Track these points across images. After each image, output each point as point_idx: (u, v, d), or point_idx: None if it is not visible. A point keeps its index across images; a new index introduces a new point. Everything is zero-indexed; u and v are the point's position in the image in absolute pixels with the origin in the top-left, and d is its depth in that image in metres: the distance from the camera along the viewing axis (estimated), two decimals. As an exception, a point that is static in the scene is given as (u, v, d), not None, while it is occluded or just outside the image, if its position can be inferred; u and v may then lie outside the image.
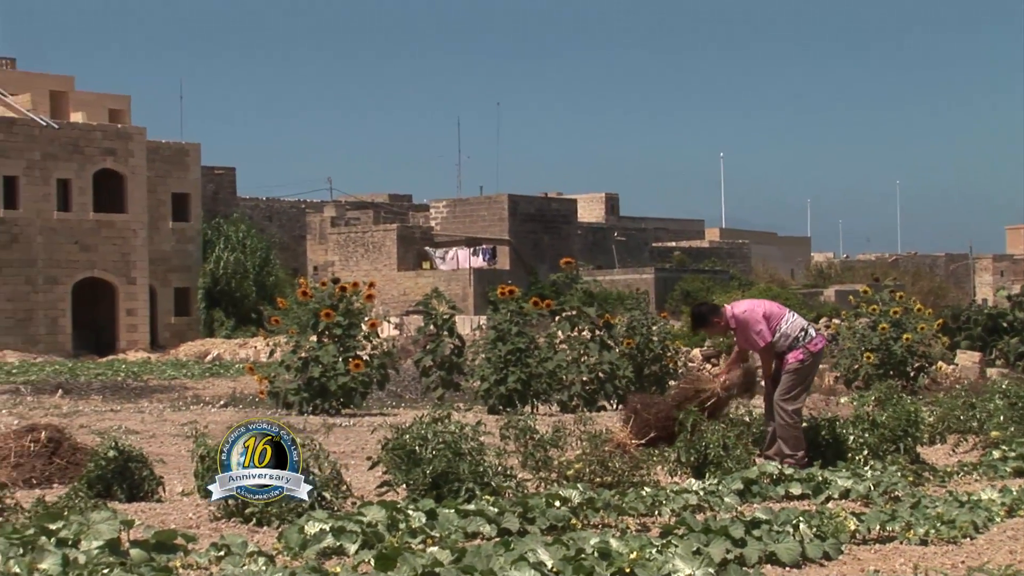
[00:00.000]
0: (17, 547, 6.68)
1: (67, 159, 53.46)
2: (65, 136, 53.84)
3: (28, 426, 11.76)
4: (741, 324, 12.37)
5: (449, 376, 20.83)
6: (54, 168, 53.06)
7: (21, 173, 52.27)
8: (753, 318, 12.30)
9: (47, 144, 53.08)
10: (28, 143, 52.69)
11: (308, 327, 19.35)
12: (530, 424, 11.28)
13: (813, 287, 73.73)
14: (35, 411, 19.68)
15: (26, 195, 52.33)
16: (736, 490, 9.90)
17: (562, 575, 6.25)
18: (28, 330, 51.84)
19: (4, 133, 52.41)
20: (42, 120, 53.95)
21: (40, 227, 52.59)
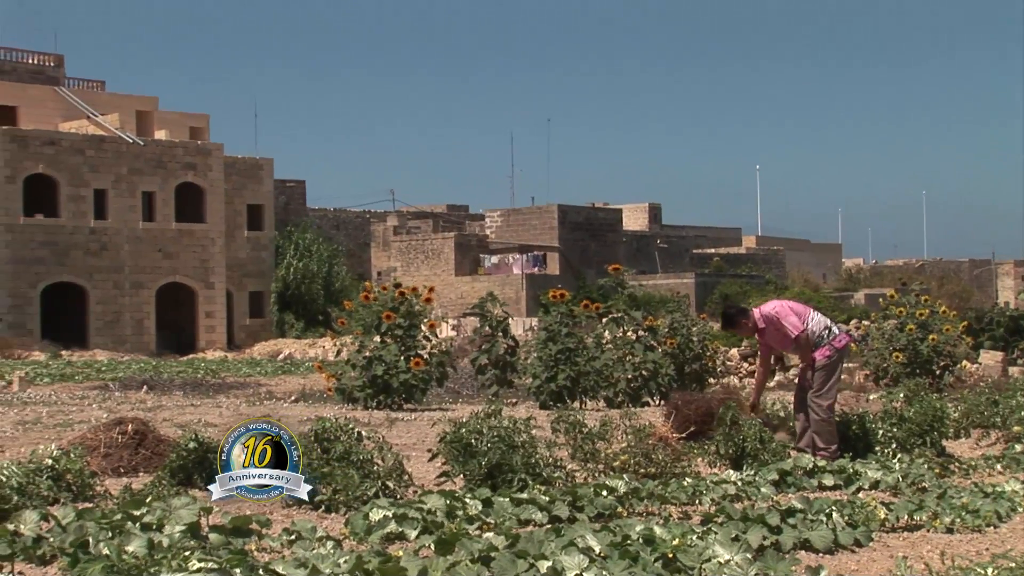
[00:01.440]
0: (106, 530, 6.73)
1: (152, 173, 53.89)
2: (150, 152, 54.27)
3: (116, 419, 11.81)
4: (772, 321, 12.22)
5: (503, 374, 20.80)
6: (140, 182, 53.51)
7: (110, 186, 52.74)
8: (783, 312, 12.21)
9: (133, 160, 53.54)
10: (116, 159, 53.16)
11: (372, 328, 19.36)
12: (579, 419, 11.24)
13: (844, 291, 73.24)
14: (122, 406, 19.79)
15: (114, 207, 52.80)
16: (772, 481, 9.83)
17: (609, 560, 6.21)
18: (116, 331, 52.28)
19: (95, 150, 52.89)
20: (129, 137, 54.40)
21: (127, 236, 53.04)
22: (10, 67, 76.98)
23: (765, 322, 12.28)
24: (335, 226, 69.98)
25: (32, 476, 8.63)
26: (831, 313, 38.34)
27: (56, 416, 17.36)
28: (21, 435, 14.55)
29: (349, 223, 72.08)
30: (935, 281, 71.57)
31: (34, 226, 50.98)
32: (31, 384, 26.32)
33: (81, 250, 51.98)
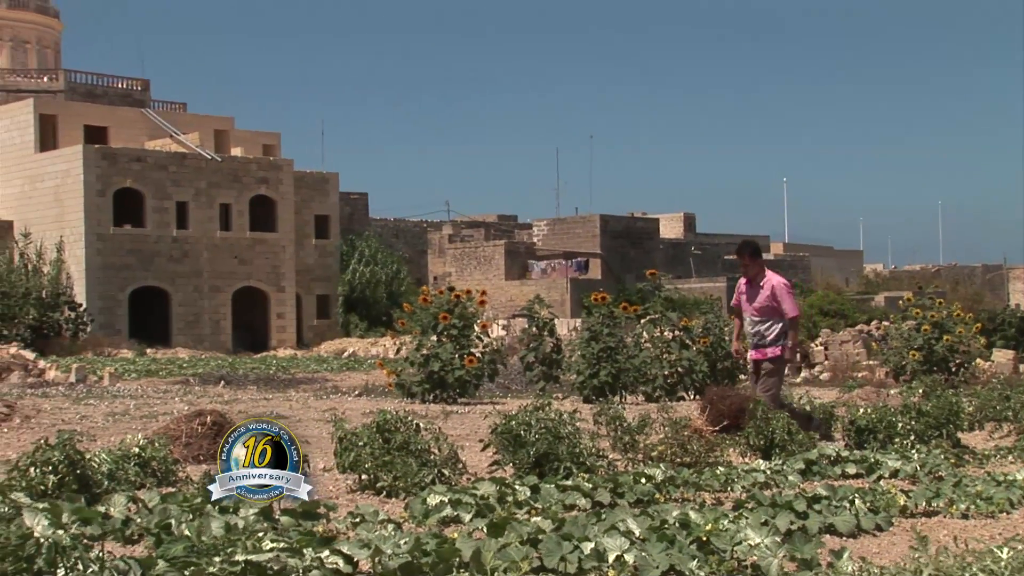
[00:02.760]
0: (188, 513, 6.77)
1: (228, 187, 54.24)
2: (226, 167, 54.63)
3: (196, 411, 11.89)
4: (783, 289, 12.19)
5: (549, 370, 20.78)
6: (217, 194, 53.86)
7: (191, 199, 53.13)
8: (789, 289, 12.26)
9: (212, 174, 53.91)
10: (196, 174, 53.55)
11: (429, 328, 19.39)
12: (619, 412, 11.22)
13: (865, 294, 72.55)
14: (202, 399, 19.93)
15: (195, 217, 53.17)
16: (799, 470, 9.75)
17: (648, 542, 6.18)
18: (196, 331, 52.64)
19: (177, 166, 53.29)
20: (208, 154, 54.78)
21: (206, 244, 53.40)
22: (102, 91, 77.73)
23: (767, 281, 12.19)
24: (395, 235, 70.16)
25: (121, 463, 8.69)
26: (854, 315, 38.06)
27: (142, 408, 17.50)
28: (111, 425, 14.69)
29: (408, 232, 72.25)
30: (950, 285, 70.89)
31: (123, 235, 51.42)
32: (120, 379, 26.55)
33: (165, 257, 52.38)
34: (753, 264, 12.38)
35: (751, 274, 12.37)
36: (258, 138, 60.84)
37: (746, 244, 12.73)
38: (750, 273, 12.42)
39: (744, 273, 12.53)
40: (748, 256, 12.44)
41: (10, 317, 42.66)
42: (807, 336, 32.45)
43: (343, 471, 9.53)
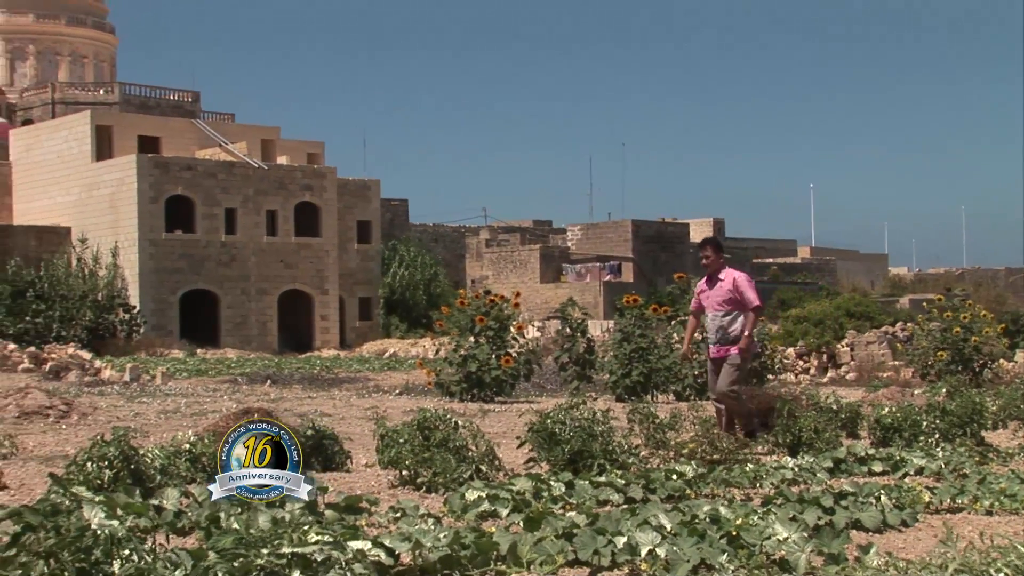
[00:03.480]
0: (236, 507, 6.78)
1: (274, 194, 54.46)
2: (273, 175, 54.86)
3: (244, 409, 11.94)
4: (743, 282, 11.85)
5: (583, 370, 20.76)
6: (264, 201, 54.10)
7: (238, 205, 53.38)
8: (751, 283, 11.98)
9: (259, 182, 54.15)
10: (244, 182, 53.80)
11: (467, 330, 19.42)
12: (651, 411, 11.19)
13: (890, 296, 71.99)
14: (249, 397, 20.03)
15: (242, 223, 53.42)
16: (826, 467, 9.69)
17: (679, 536, 6.16)
18: (243, 332, 52.88)
19: (225, 174, 53.57)
20: (255, 163, 55.03)
21: (253, 249, 53.64)
22: (155, 103, 78.30)
23: (728, 274, 11.91)
24: (434, 239, 70.25)
25: (172, 458, 8.73)
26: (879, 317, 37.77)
27: (193, 406, 17.61)
28: (163, 422, 14.78)
29: (446, 236, 72.33)
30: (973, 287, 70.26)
31: (174, 240, 51.74)
32: (171, 378, 26.72)
33: (214, 261, 52.65)
34: (716, 258, 12.05)
35: (713, 268, 12.02)
36: (303, 147, 61.05)
37: (710, 238, 12.57)
38: (712, 267, 12.05)
39: (706, 266, 12.15)
40: (712, 249, 12.13)
41: (68, 319, 43.01)
42: (833, 337, 32.25)
43: (384, 467, 9.55)
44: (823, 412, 12.06)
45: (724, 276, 11.84)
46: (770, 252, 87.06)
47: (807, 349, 30.67)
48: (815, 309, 38.55)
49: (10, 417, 14.56)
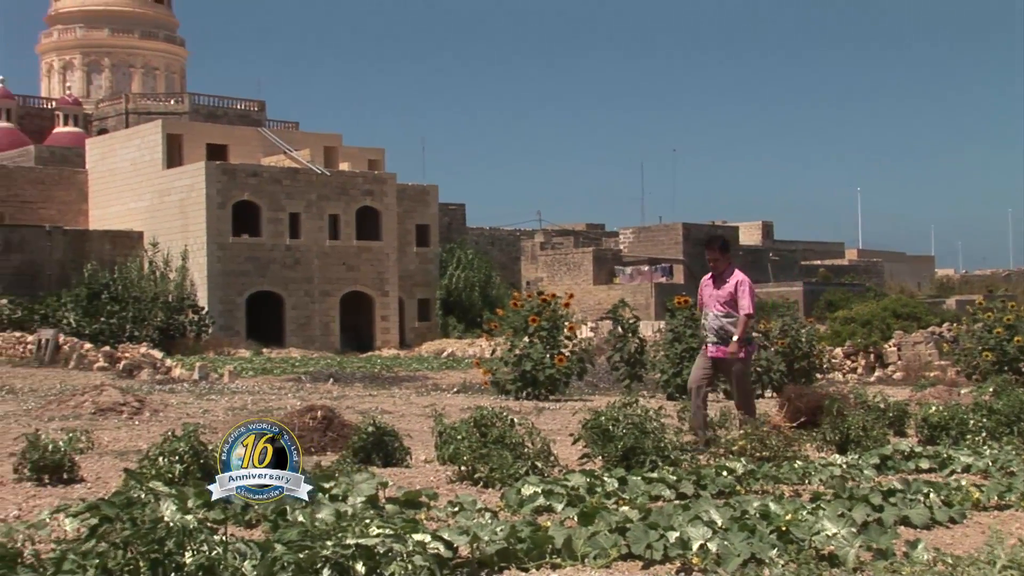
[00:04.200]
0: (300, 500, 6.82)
1: (336, 199, 54.78)
2: (335, 181, 55.17)
3: (308, 407, 12.01)
4: (746, 285, 11.48)
5: (634, 369, 20.69)
6: (327, 206, 54.42)
7: (302, 210, 53.73)
8: (752, 289, 11.61)
9: (321, 187, 54.48)
10: (307, 187, 54.15)
11: (521, 330, 19.41)
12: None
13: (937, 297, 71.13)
14: (312, 395, 20.14)
15: (306, 227, 53.77)
16: (874, 464, 9.59)
17: (730, 531, 6.12)
18: (307, 332, 53.22)
19: (290, 180, 53.96)
20: (318, 169, 55.38)
21: (316, 252, 53.98)
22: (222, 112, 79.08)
23: (733, 277, 11.54)
24: (490, 242, 70.33)
25: (239, 454, 8.79)
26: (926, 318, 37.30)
27: (259, 403, 17.74)
28: (231, 419, 14.90)
29: (502, 240, 72.39)
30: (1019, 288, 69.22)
31: (240, 244, 52.18)
32: (238, 377, 26.94)
33: (279, 264, 53.04)
34: (723, 258, 11.66)
35: (720, 268, 11.65)
36: (364, 154, 61.36)
37: (716, 238, 12.10)
38: (719, 267, 11.66)
39: (713, 267, 11.71)
40: (718, 249, 11.69)
41: (141, 320, 43.49)
42: (880, 338, 31.91)
43: (443, 463, 9.57)
44: (871, 411, 11.95)
45: (730, 278, 11.53)
46: (818, 254, 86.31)
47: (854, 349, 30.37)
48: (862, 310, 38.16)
49: (86, 414, 14.76)
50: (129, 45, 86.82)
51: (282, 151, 58.14)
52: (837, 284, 69.11)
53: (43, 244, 52.18)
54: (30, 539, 5.52)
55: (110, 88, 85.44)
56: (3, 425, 13.82)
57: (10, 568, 4.67)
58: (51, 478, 8.74)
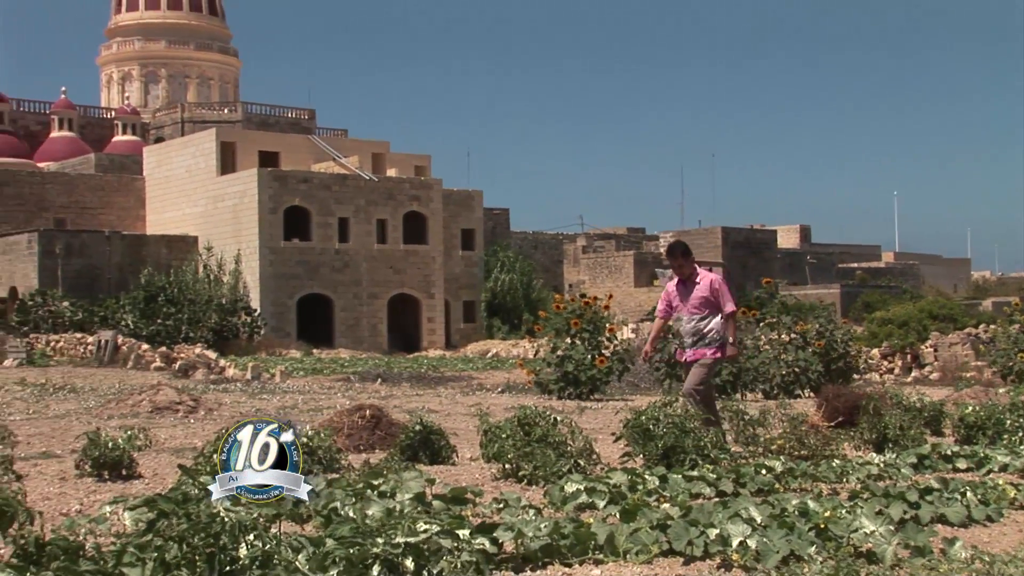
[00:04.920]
0: (350, 497, 6.86)
1: (384, 204, 54.99)
2: (383, 187, 55.39)
3: (356, 406, 12.05)
4: (721, 285, 11.05)
5: (674, 370, 20.58)
6: (374, 211, 54.64)
7: (351, 215, 53.98)
8: (727, 286, 11.22)
9: (369, 193, 54.71)
10: (356, 193, 54.41)
11: (563, 331, 19.39)
12: (741, 408, 11.07)
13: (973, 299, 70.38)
14: (361, 394, 20.21)
15: (355, 232, 54.03)
16: (911, 463, 9.48)
17: (769, 528, 6.08)
18: (356, 333, 53.45)
19: (339, 185, 54.23)
20: (366, 175, 55.62)
21: (364, 256, 54.21)
22: (274, 120, 79.60)
23: (703, 278, 11.09)
24: (534, 246, 70.34)
25: (291, 451, 8.82)
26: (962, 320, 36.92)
27: (309, 403, 17.83)
28: (282, 418, 14.98)
29: (545, 243, 72.37)
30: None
31: (291, 248, 52.50)
32: (289, 377, 27.09)
33: (328, 267, 53.31)
34: (686, 263, 11.16)
35: (686, 273, 11.15)
36: (411, 160, 61.55)
37: (678, 243, 11.53)
38: (685, 272, 11.19)
39: (679, 273, 11.23)
40: (680, 256, 11.19)
41: (195, 321, 43.85)
42: (917, 339, 31.60)
43: (488, 461, 9.57)
44: (908, 410, 11.82)
45: (700, 279, 11.07)
46: (855, 257, 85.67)
47: (891, 350, 30.07)
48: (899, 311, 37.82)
49: (144, 412, 14.90)
50: (185, 56, 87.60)
51: (331, 158, 58.43)
52: (874, 286, 68.55)
53: (103, 248, 52.75)
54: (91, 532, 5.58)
55: (167, 98, 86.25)
56: (65, 423, 13.99)
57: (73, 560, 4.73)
58: (111, 474, 8.83)
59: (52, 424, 13.85)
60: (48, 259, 50.91)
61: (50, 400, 18.33)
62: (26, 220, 56.63)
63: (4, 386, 21.77)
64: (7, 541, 4.86)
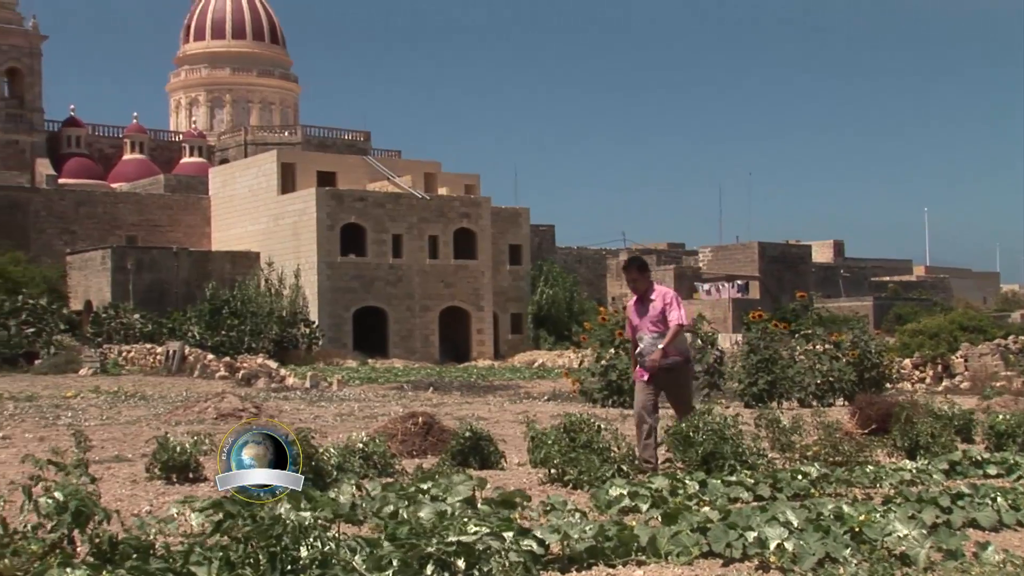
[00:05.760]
0: (404, 500, 6.88)
1: (435, 221, 55.19)
2: (434, 205, 55.60)
3: (409, 413, 12.08)
4: (672, 300, 10.08)
5: (713, 379, 20.49)
6: (426, 228, 54.85)
7: (404, 232, 54.23)
8: (679, 300, 10.20)
9: (422, 211, 54.94)
10: (409, 211, 54.65)
11: (607, 342, 19.36)
12: (777, 416, 10.99)
13: (1002, 311, 69.42)
14: (414, 402, 20.26)
15: (407, 248, 54.25)
16: (943, 469, 9.37)
17: (805, 532, 6.03)
18: (409, 344, 53.62)
19: (393, 204, 54.50)
20: (419, 194, 55.85)
21: (417, 270, 54.41)
22: (331, 142, 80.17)
23: (657, 293, 10.13)
24: (578, 261, 70.28)
25: (347, 456, 8.88)
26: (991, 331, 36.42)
27: (365, 410, 17.89)
28: (339, 424, 15.05)
29: (589, 258, 72.28)
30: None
31: (348, 263, 52.80)
32: (346, 385, 27.22)
33: (382, 281, 53.56)
34: (642, 278, 10.26)
35: (641, 289, 10.24)
36: (461, 179, 61.75)
37: (633, 259, 10.66)
38: (640, 288, 10.27)
39: (633, 289, 10.37)
40: (636, 271, 10.32)
41: (257, 332, 44.20)
42: (948, 349, 31.21)
43: (535, 466, 9.56)
44: (939, 418, 11.68)
45: (655, 295, 10.15)
46: (887, 271, 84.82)
47: (923, 360, 29.72)
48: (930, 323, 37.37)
49: (209, 418, 15.02)
50: (248, 83, 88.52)
51: (386, 177, 58.74)
52: (906, 299, 67.84)
53: (171, 264, 53.34)
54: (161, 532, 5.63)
55: (231, 122, 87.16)
56: (136, 428, 14.13)
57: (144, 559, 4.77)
58: (178, 477, 8.91)
59: (124, 429, 14.00)
60: (120, 274, 51.56)
61: (122, 407, 18.53)
62: (100, 237, 57.40)
63: (80, 394, 22.05)
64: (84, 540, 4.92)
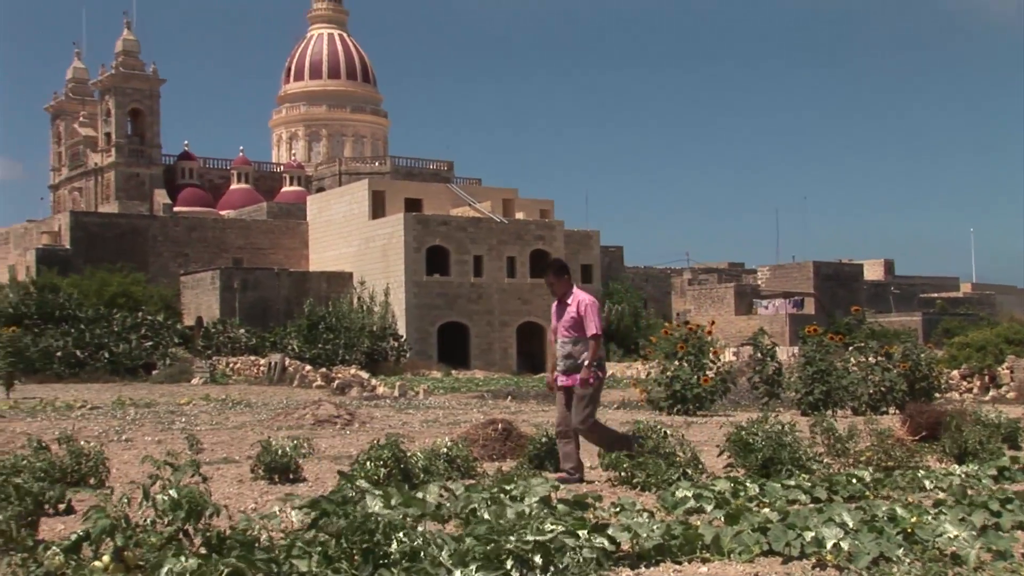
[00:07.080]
0: (486, 500, 6.87)
1: (513, 243, 55.34)
2: (512, 228, 55.76)
3: (490, 420, 12.09)
4: (587, 308, 9.20)
5: (772, 389, 20.22)
6: (504, 249, 55.02)
7: (484, 253, 54.47)
8: (596, 308, 9.31)
9: (500, 234, 55.13)
10: (488, 234, 54.88)
11: (672, 355, 19.21)
12: (832, 424, 10.81)
13: (1046, 325, 67.49)
14: (494, 410, 20.27)
15: (487, 268, 54.47)
16: (991, 475, 9.13)
17: (860, 532, 5.92)
18: (489, 357, 53.76)
19: (474, 227, 54.78)
20: (497, 218, 56.07)
21: (496, 288, 54.58)
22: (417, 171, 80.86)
23: (575, 299, 9.28)
24: (645, 279, 69.95)
25: (433, 459, 8.92)
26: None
27: (448, 417, 17.94)
28: (425, 430, 15.11)
29: (655, 277, 71.90)
30: None
31: (432, 282, 53.16)
32: (431, 394, 27.33)
33: (464, 299, 53.82)
34: (559, 282, 9.40)
35: (559, 292, 9.39)
36: (536, 204, 61.89)
37: (555, 261, 9.87)
38: (558, 292, 9.42)
39: (552, 292, 9.53)
40: (553, 274, 9.49)
41: (350, 345, 44.63)
42: (994, 361, 30.44)
43: (605, 469, 9.50)
44: (986, 426, 11.38)
45: (572, 300, 9.30)
46: (936, 288, 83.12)
47: (970, 371, 29.02)
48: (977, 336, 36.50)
49: (307, 424, 15.18)
50: (342, 118, 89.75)
51: (467, 203, 59.07)
52: (953, 314, 66.37)
53: (272, 283, 54.16)
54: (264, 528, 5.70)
55: (327, 154, 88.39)
56: (242, 433, 14.33)
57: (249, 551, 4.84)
58: (280, 478, 9.01)
59: (231, 434, 14.20)
60: (227, 293, 52.48)
61: (229, 413, 18.81)
62: (210, 260, 58.51)
63: (192, 401, 22.44)
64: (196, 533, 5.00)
